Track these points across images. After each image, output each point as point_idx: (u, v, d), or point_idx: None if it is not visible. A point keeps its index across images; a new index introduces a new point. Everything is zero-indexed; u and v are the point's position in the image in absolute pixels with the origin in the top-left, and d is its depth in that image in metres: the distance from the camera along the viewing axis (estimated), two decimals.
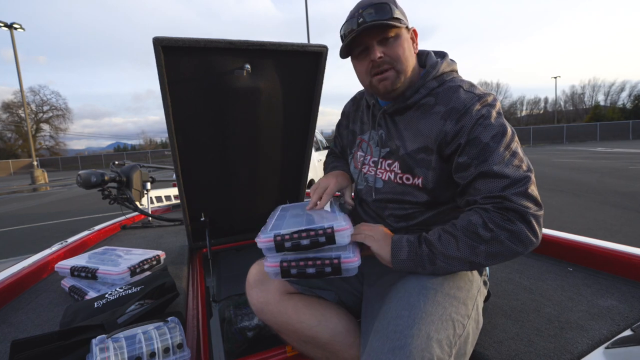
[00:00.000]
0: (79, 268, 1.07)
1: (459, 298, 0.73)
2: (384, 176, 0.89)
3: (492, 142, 0.72)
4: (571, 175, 8.06)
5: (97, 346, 0.64)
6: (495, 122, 0.74)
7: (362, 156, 0.97)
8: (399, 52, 0.81)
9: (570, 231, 1.27)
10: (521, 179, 0.70)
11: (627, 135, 26.76)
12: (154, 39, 1.05)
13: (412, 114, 0.85)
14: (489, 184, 0.71)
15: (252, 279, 0.91)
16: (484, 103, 0.76)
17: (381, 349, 0.63)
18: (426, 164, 0.81)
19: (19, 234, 5.46)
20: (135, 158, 33.01)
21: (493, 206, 0.70)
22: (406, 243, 0.77)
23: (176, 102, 1.20)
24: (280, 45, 1.22)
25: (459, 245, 0.71)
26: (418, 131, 0.82)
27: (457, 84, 0.81)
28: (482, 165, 0.72)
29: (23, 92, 16.75)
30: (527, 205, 0.68)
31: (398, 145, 0.86)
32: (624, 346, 0.68)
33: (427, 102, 0.83)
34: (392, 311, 0.69)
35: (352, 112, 1.08)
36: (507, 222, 0.67)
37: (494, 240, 0.68)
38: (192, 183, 1.44)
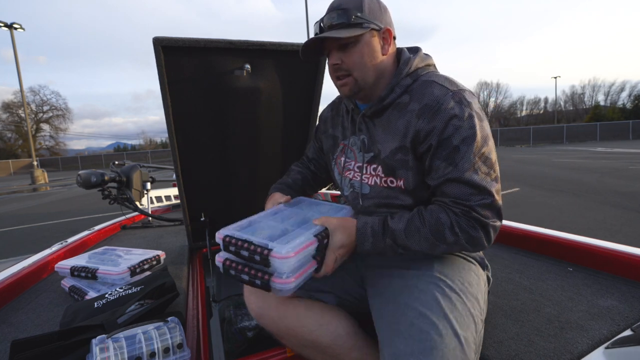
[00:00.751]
0: (79, 268, 1.07)
1: (473, 293, 0.74)
2: (370, 181, 0.87)
3: (462, 146, 0.71)
4: (571, 175, 8.06)
5: (97, 346, 0.64)
6: (468, 123, 0.71)
7: (346, 162, 0.94)
8: (355, 59, 0.79)
9: (570, 231, 1.27)
10: (488, 189, 0.71)
11: (627, 135, 26.76)
12: (154, 39, 1.05)
13: (390, 114, 0.83)
14: (456, 190, 0.72)
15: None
16: (458, 100, 0.73)
17: (410, 352, 0.60)
18: (405, 164, 0.79)
19: (19, 234, 5.46)
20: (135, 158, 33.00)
21: (461, 211, 0.71)
22: (370, 233, 0.77)
23: (176, 102, 1.20)
24: (280, 45, 1.22)
25: (422, 241, 0.73)
26: (394, 131, 0.81)
27: (430, 79, 0.78)
28: (451, 171, 0.72)
29: (23, 92, 16.76)
30: (490, 216, 0.71)
31: (380, 148, 0.84)
32: (624, 346, 0.68)
33: (403, 100, 0.81)
34: (411, 310, 0.68)
35: (331, 117, 1.04)
36: (471, 228, 0.71)
37: (455, 243, 0.72)
38: (192, 183, 1.44)
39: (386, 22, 0.82)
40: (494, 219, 0.72)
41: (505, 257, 1.26)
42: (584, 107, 45.96)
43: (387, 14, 0.83)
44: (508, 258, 1.25)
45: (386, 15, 0.83)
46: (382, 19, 0.81)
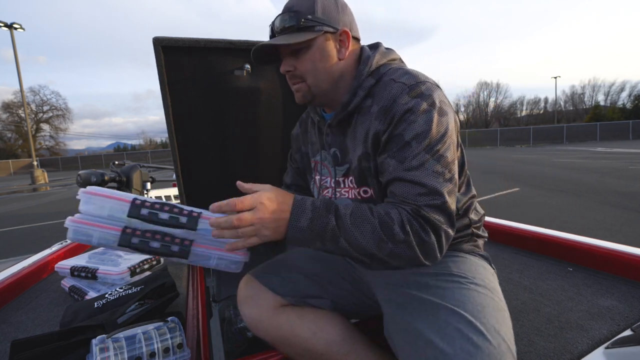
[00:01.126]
0: (79, 268, 1.07)
1: (496, 289, 0.70)
2: (350, 194, 0.82)
3: (414, 142, 0.65)
4: (571, 175, 8.06)
5: (97, 346, 0.64)
6: (423, 118, 0.66)
7: (322, 180, 0.89)
8: (307, 65, 0.74)
9: (570, 231, 1.27)
10: (439, 189, 0.64)
11: (627, 135, 26.76)
12: (154, 39, 1.05)
13: (355, 120, 0.77)
14: (403, 189, 0.65)
15: (243, 295, 0.87)
16: (414, 94, 0.67)
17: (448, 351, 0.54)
18: (370, 171, 0.74)
19: (19, 234, 5.46)
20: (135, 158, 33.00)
21: (411, 209, 0.64)
22: (310, 207, 0.65)
23: (176, 102, 1.20)
24: None
25: (368, 232, 0.63)
26: (359, 138, 0.75)
27: (390, 78, 0.72)
28: (399, 168, 0.66)
29: (23, 92, 16.77)
30: (439, 219, 0.64)
31: (350, 158, 0.79)
32: (624, 346, 0.68)
33: (366, 104, 0.75)
34: (441, 309, 0.61)
35: (301, 134, 0.98)
36: (422, 231, 0.63)
37: (405, 243, 0.62)
38: (192, 183, 1.44)
39: (344, 22, 0.76)
40: (446, 224, 0.64)
41: (505, 257, 1.26)
42: (584, 107, 46.00)
43: (345, 14, 0.77)
44: (508, 258, 1.25)
45: (345, 15, 0.76)
46: (338, 19, 0.75)
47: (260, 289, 0.86)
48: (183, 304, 1.03)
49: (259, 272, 0.91)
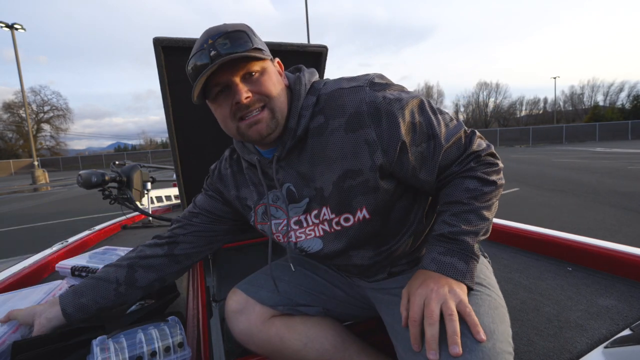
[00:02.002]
0: (80, 268, 1.08)
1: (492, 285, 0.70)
2: (318, 232, 0.74)
3: (419, 117, 0.66)
4: (571, 175, 8.06)
5: (97, 346, 0.64)
6: (406, 98, 0.65)
7: (279, 224, 0.77)
8: (270, 87, 0.66)
9: (570, 231, 1.27)
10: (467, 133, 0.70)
11: (626, 135, 26.78)
12: (154, 39, 1.05)
13: (311, 143, 0.69)
14: (452, 154, 0.69)
15: (231, 310, 0.84)
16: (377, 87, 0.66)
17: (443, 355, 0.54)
18: (361, 188, 0.67)
19: (19, 234, 5.46)
20: (135, 158, 32.99)
21: (474, 162, 0.69)
22: (447, 257, 0.64)
23: (176, 102, 1.20)
24: (280, 46, 1.22)
25: (480, 214, 0.66)
26: (328, 159, 0.67)
27: (332, 89, 0.68)
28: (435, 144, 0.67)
29: (24, 92, 16.77)
30: (484, 144, 0.71)
31: (317, 187, 0.70)
32: (623, 345, 0.68)
33: (317, 122, 0.68)
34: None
35: (230, 176, 0.83)
36: (494, 166, 0.69)
37: (498, 187, 0.69)
38: (192, 183, 1.44)
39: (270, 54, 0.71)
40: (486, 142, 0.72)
41: (505, 257, 1.26)
42: (583, 108, 46.04)
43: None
44: (508, 258, 1.25)
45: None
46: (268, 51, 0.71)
47: (249, 302, 0.84)
48: (183, 303, 1.03)
49: (247, 285, 0.88)
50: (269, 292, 0.85)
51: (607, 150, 15.38)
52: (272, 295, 0.84)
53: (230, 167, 0.84)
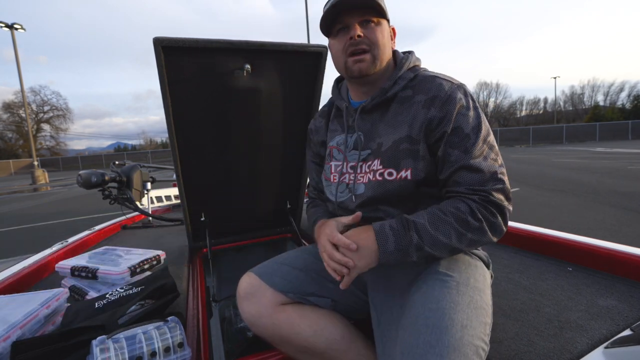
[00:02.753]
0: (80, 268, 1.07)
1: (480, 288, 0.73)
2: (364, 179, 0.84)
3: (472, 134, 0.74)
4: (571, 175, 8.06)
5: (97, 347, 0.64)
6: (474, 113, 0.76)
7: (338, 165, 0.90)
8: (378, 36, 0.80)
9: (570, 231, 1.27)
10: (499, 174, 0.74)
11: (627, 135, 26.77)
12: (154, 40, 1.05)
13: (393, 107, 0.83)
14: (470, 177, 0.73)
15: (243, 291, 0.87)
16: (464, 93, 0.77)
17: (415, 343, 0.60)
18: (412, 153, 0.78)
19: (19, 234, 5.46)
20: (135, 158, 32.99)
21: (479, 198, 0.72)
22: (390, 232, 0.72)
23: (176, 102, 1.20)
24: (280, 46, 1.22)
25: (449, 231, 0.71)
26: (399, 123, 0.80)
27: (431, 74, 0.82)
28: (464, 158, 0.74)
29: (24, 92, 16.76)
30: (504, 200, 0.73)
31: (380, 142, 0.82)
32: (623, 346, 0.68)
33: (406, 94, 0.82)
34: (417, 307, 0.67)
35: (322, 126, 1.00)
36: (490, 215, 0.71)
37: (480, 230, 0.71)
38: (192, 183, 1.44)
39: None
40: (507, 202, 0.74)
41: (505, 257, 1.26)
42: (584, 107, 45.99)
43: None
44: (508, 258, 1.25)
45: None
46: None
47: (261, 286, 0.86)
48: (183, 304, 1.03)
49: (260, 270, 0.91)
50: (281, 278, 0.87)
51: (607, 150, 15.38)
52: (284, 282, 0.87)
53: (322, 118, 1.02)
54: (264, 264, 0.94)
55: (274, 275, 0.88)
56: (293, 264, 0.92)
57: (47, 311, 0.81)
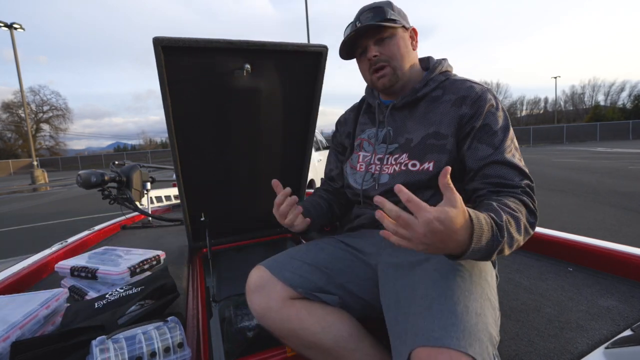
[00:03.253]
0: (79, 268, 1.07)
1: (490, 283, 0.74)
2: (390, 170, 0.91)
3: (500, 132, 0.80)
4: (571, 175, 8.06)
5: (97, 347, 0.64)
6: (502, 115, 0.83)
7: (366, 156, 0.98)
8: (393, 50, 0.88)
9: (570, 231, 1.27)
10: (526, 171, 0.78)
11: (627, 135, 26.76)
12: (153, 39, 1.05)
13: (422, 105, 0.90)
14: (501, 171, 0.77)
15: (253, 284, 0.88)
16: (493, 95, 0.84)
17: (430, 327, 0.59)
18: (438, 148, 0.84)
19: (19, 234, 5.46)
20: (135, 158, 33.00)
21: (528, 198, 0.74)
22: (487, 228, 0.60)
23: (176, 102, 1.20)
24: (280, 45, 1.22)
25: (520, 226, 0.68)
26: (428, 120, 0.87)
27: (462, 78, 0.89)
28: (494, 153, 0.78)
29: (23, 92, 16.76)
30: (534, 199, 0.76)
31: (408, 138, 0.89)
32: (624, 346, 0.68)
33: (436, 94, 0.89)
34: (430, 294, 0.66)
35: (352, 118, 1.10)
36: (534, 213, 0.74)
37: (533, 226, 0.73)
38: (192, 183, 1.44)
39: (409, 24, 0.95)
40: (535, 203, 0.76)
41: (505, 257, 1.26)
42: (584, 107, 46.00)
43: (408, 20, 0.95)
44: (508, 258, 1.25)
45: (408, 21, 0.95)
46: (407, 21, 0.94)
47: (271, 280, 0.87)
48: (183, 304, 1.03)
49: (271, 263, 0.92)
50: (292, 273, 0.88)
51: (607, 150, 15.38)
52: (294, 276, 0.87)
53: (351, 112, 1.12)
54: (275, 257, 0.95)
55: (285, 270, 0.88)
56: (304, 258, 0.92)
57: (47, 311, 0.81)
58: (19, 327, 0.72)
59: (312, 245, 0.99)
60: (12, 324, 0.72)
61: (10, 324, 0.72)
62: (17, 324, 0.72)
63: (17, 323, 0.73)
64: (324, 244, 0.99)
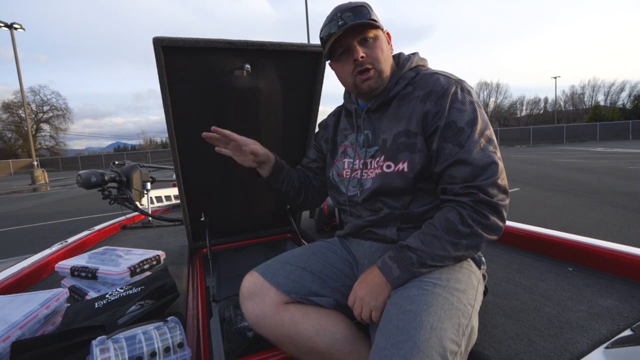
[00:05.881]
0: (79, 268, 1.07)
1: (459, 288, 0.74)
2: (372, 174, 0.89)
3: (467, 128, 0.76)
4: (571, 175, 8.06)
5: (97, 347, 0.64)
6: (470, 107, 0.77)
7: (351, 162, 0.97)
8: (378, 53, 0.86)
9: (570, 231, 1.27)
10: (493, 168, 0.73)
11: (627, 135, 26.76)
12: (154, 39, 1.05)
13: (395, 104, 0.88)
14: (463, 172, 0.74)
15: (246, 291, 0.87)
16: (460, 87, 0.80)
17: (384, 345, 0.63)
18: (409, 147, 0.82)
19: (19, 234, 5.46)
20: (135, 158, 33.02)
21: (469, 199, 0.73)
22: (390, 261, 0.78)
23: (176, 102, 1.20)
24: (280, 45, 1.22)
25: (443, 244, 0.74)
26: (398, 118, 0.85)
27: (432, 72, 0.86)
28: (458, 152, 0.75)
29: (23, 92, 16.76)
30: (498, 196, 0.73)
31: (384, 139, 0.87)
32: (624, 346, 0.68)
33: (407, 90, 0.86)
34: (394, 308, 0.70)
35: (333, 123, 1.09)
36: (482, 217, 0.72)
37: (473, 234, 0.73)
38: (192, 183, 1.44)
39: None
40: (502, 196, 0.74)
41: (505, 257, 1.26)
42: (584, 107, 46.00)
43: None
44: (508, 258, 1.25)
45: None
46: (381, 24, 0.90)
47: (265, 286, 0.86)
48: (183, 304, 1.03)
49: (264, 269, 0.91)
50: (285, 278, 0.87)
51: (608, 150, 15.38)
52: (287, 281, 0.87)
53: (333, 117, 1.10)
54: (268, 263, 0.94)
55: (278, 275, 0.88)
56: (297, 263, 0.92)
57: (47, 311, 0.81)
58: (19, 327, 0.72)
59: (306, 250, 0.99)
60: (12, 324, 0.72)
61: (10, 324, 0.72)
62: (17, 324, 0.72)
63: (17, 323, 0.73)
64: (317, 248, 0.99)
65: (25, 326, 0.74)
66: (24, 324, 0.74)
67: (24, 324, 0.74)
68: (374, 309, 0.76)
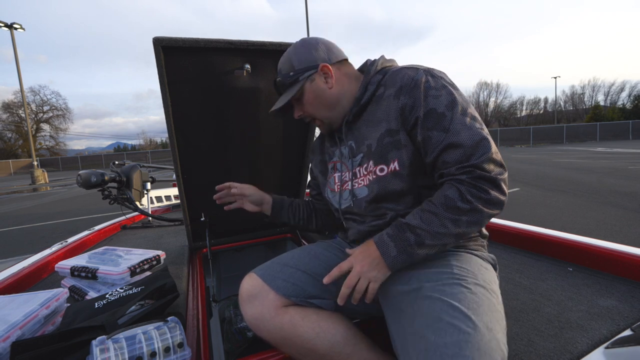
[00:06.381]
0: (79, 268, 1.07)
1: (494, 290, 0.72)
2: (365, 181, 0.87)
3: (447, 111, 0.74)
4: (571, 175, 8.06)
5: (97, 347, 0.64)
6: (444, 91, 0.76)
7: (340, 175, 0.95)
8: (308, 107, 0.90)
9: (570, 231, 1.27)
10: (484, 144, 0.71)
11: (627, 135, 26.76)
12: (154, 39, 1.05)
13: (370, 109, 0.87)
14: (456, 155, 0.72)
15: (245, 293, 0.86)
16: (430, 74, 0.78)
17: (442, 343, 0.57)
18: (395, 144, 0.80)
19: (19, 234, 5.46)
20: (135, 158, 33.03)
21: (467, 176, 0.71)
22: (388, 238, 0.75)
23: (176, 102, 1.20)
24: (280, 45, 1.22)
25: (442, 221, 0.71)
26: (377, 120, 0.84)
27: (398, 68, 0.84)
28: (446, 137, 0.73)
29: (23, 92, 16.76)
30: (495, 170, 0.71)
31: (368, 144, 0.85)
32: (624, 346, 0.68)
33: (379, 92, 0.85)
34: (438, 304, 0.65)
35: (318, 146, 1.09)
36: (482, 192, 0.70)
37: (473, 210, 0.70)
38: (192, 183, 1.44)
39: (320, 58, 0.88)
40: (499, 169, 0.72)
41: (505, 257, 1.26)
42: (584, 107, 46.01)
43: (318, 51, 0.88)
44: (508, 258, 1.25)
45: (317, 53, 0.88)
46: (315, 59, 0.88)
47: (264, 288, 0.85)
48: (183, 304, 1.03)
49: (263, 271, 0.90)
50: (284, 281, 0.86)
51: (608, 150, 15.38)
52: (287, 284, 0.86)
53: (317, 140, 1.11)
54: (267, 265, 0.93)
55: (277, 278, 0.87)
56: (297, 265, 0.91)
57: (47, 311, 0.81)
58: (19, 327, 0.72)
59: (306, 251, 0.98)
60: (12, 324, 0.72)
61: (10, 324, 0.72)
62: (17, 324, 0.72)
63: (17, 323, 0.73)
64: (318, 249, 0.98)
65: (25, 326, 0.74)
66: (24, 324, 0.74)
67: (24, 324, 0.74)
68: (373, 280, 0.74)
